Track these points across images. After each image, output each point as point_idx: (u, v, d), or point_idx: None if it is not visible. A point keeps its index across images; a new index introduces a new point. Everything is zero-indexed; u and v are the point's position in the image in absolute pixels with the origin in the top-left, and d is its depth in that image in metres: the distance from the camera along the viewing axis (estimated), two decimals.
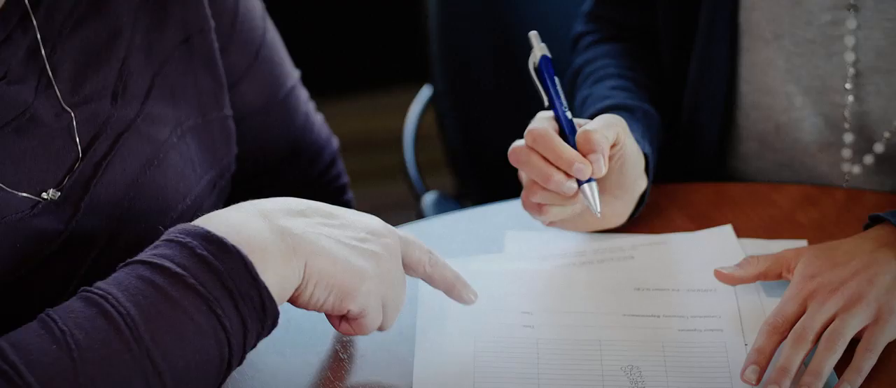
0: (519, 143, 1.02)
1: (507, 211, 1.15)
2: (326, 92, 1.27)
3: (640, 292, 1.03)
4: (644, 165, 1.09)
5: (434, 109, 1.62)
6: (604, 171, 1.01)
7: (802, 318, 0.95)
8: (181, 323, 0.81)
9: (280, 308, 0.86)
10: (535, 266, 1.07)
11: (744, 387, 0.93)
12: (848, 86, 1.15)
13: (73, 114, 0.96)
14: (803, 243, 1.07)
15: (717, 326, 0.99)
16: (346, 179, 1.29)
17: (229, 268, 0.83)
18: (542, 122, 1.02)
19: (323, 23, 2.50)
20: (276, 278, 0.85)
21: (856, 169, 1.19)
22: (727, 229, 1.11)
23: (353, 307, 0.88)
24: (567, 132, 1.02)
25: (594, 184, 1.01)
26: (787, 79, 1.18)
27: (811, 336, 0.93)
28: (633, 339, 0.98)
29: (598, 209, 1.01)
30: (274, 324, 0.86)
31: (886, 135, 1.16)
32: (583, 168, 1.00)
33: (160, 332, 0.80)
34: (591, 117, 1.16)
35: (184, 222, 0.97)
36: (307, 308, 0.89)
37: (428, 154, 1.68)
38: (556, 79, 1.04)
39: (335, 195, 1.26)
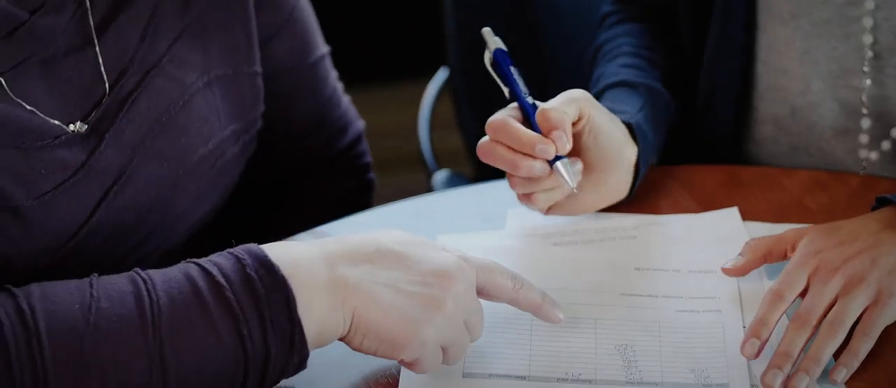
0: (484, 139, 1.01)
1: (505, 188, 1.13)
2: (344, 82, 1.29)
3: (639, 272, 1.02)
4: (629, 134, 1.07)
5: (449, 90, 1.61)
6: (567, 146, 0.99)
7: (805, 300, 0.93)
8: (204, 331, 0.81)
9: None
10: (534, 244, 1.06)
11: (739, 369, 0.91)
12: (866, 68, 1.13)
13: (100, 48, 0.97)
14: None
15: (716, 307, 0.98)
16: (369, 159, 1.29)
17: (271, 296, 0.83)
18: (500, 112, 1.01)
19: (338, 13, 2.51)
20: (317, 321, 0.84)
21: (873, 155, 1.16)
22: (733, 212, 1.09)
23: (405, 357, 0.87)
24: (532, 118, 1.01)
25: (566, 160, 1.00)
26: (804, 60, 1.16)
27: (813, 321, 0.91)
28: (628, 318, 0.97)
29: (573, 185, 1.00)
30: (301, 364, 0.85)
31: None
32: (545, 148, 0.98)
33: (180, 331, 0.81)
34: (597, 96, 1.16)
35: (205, 166, 1.02)
36: (360, 352, 0.88)
37: (445, 144, 1.67)
38: (514, 69, 1.04)
39: (359, 173, 1.27)
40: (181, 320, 0.81)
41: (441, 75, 1.68)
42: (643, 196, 1.12)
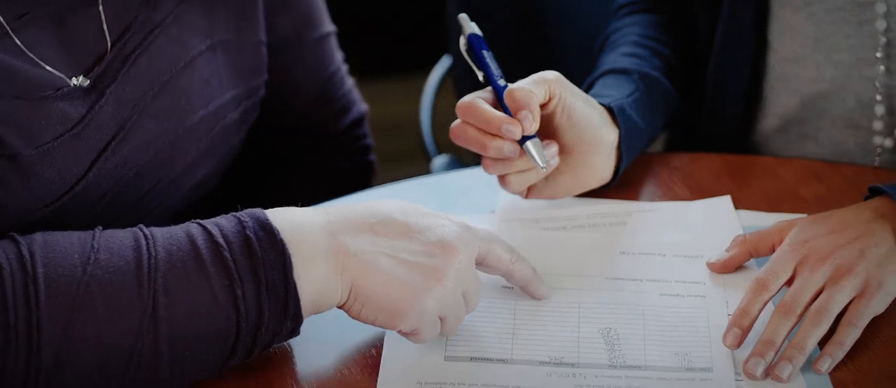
0: (456, 121, 1.01)
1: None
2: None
3: (624, 256, 1.01)
4: (611, 119, 1.06)
5: (452, 78, 1.61)
6: (534, 126, 0.98)
7: (791, 288, 0.92)
8: (198, 287, 0.83)
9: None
10: (523, 228, 1.05)
11: (722, 353, 0.90)
12: (879, 55, 1.12)
13: (103, 6, 0.98)
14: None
15: (700, 292, 0.97)
16: (370, 142, 1.29)
17: (268, 258, 0.84)
18: (471, 94, 1.01)
19: (342, 4, 2.51)
20: (314, 287, 0.85)
21: (887, 142, 1.15)
22: (725, 200, 1.08)
23: (403, 326, 0.87)
24: (503, 100, 1.00)
25: (536, 140, 0.99)
26: (817, 48, 1.14)
27: (798, 309, 0.90)
28: (612, 302, 0.96)
29: (542, 165, 0.99)
30: (294, 328, 0.86)
31: None
32: (511, 128, 0.98)
33: (175, 286, 0.82)
34: (591, 84, 1.15)
35: (204, 128, 1.04)
36: (359, 321, 0.88)
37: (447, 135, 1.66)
38: (488, 53, 1.03)
39: (359, 154, 1.27)
40: (176, 276, 0.83)
41: (444, 63, 1.67)
42: (636, 183, 1.11)
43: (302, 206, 1.08)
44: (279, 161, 1.24)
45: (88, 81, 0.97)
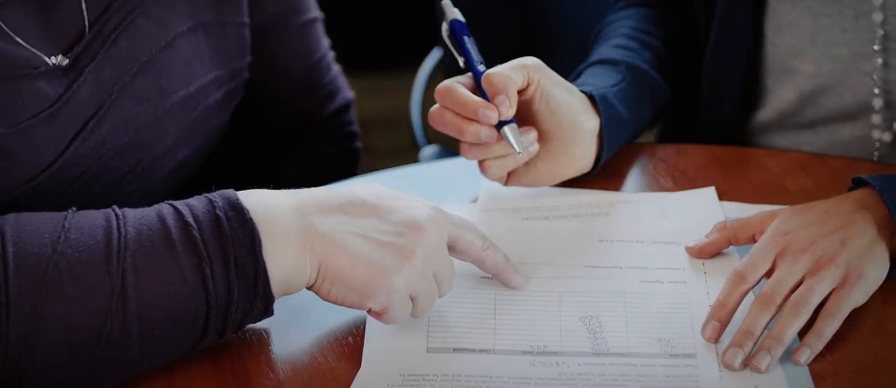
0: (435, 106, 1.01)
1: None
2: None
3: (604, 243, 1.01)
4: (592, 107, 1.06)
5: (442, 69, 1.61)
6: (511, 111, 0.99)
7: (771, 278, 0.91)
8: (167, 267, 0.83)
9: None
10: (505, 218, 1.05)
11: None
12: (876, 48, 1.11)
13: None
14: None
15: (681, 278, 0.97)
16: (357, 129, 1.29)
17: (237, 237, 0.84)
18: (450, 79, 1.01)
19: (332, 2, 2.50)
20: (283, 267, 0.86)
21: (886, 136, 1.14)
22: (709, 191, 1.08)
23: (373, 306, 0.88)
24: (482, 86, 1.00)
25: (513, 125, 0.99)
26: (814, 41, 1.14)
27: (778, 300, 0.90)
28: (593, 290, 0.96)
29: (519, 150, 0.99)
30: (266, 308, 0.87)
31: None
32: (487, 112, 0.98)
33: (144, 265, 0.83)
34: (579, 73, 1.15)
35: (185, 109, 1.04)
36: (329, 301, 0.89)
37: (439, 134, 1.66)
38: (470, 38, 1.03)
39: (344, 140, 1.27)
40: (145, 255, 0.83)
41: (436, 55, 1.67)
42: (621, 174, 1.11)
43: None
44: (264, 147, 1.24)
45: (67, 61, 0.97)
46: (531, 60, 1.02)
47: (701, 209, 1.05)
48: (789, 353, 0.88)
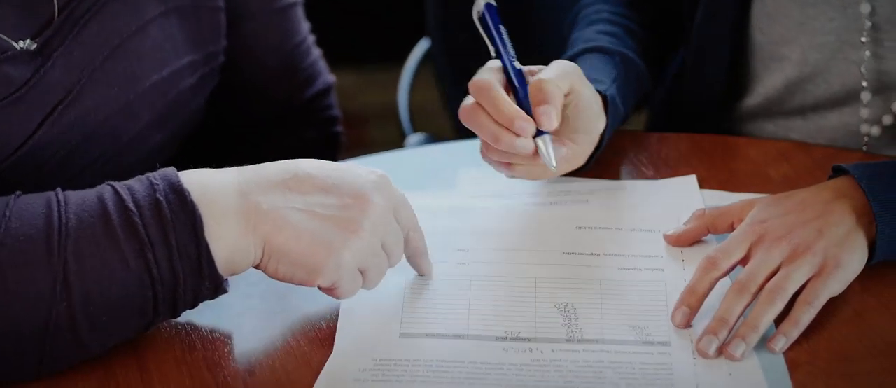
0: (468, 100, 0.98)
1: (471, 149, 1.12)
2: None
3: (582, 230, 1.00)
4: (603, 106, 1.04)
5: (432, 61, 1.60)
6: (555, 124, 0.96)
7: (747, 266, 0.91)
8: (109, 253, 0.82)
9: None
10: (482, 204, 1.04)
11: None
12: (864, 39, 1.10)
13: None
14: None
15: (659, 265, 0.96)
16: (338, 113, 1.28)
17: (178, 220, 0.83)
18: (487, 73, 0.97)
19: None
20: (226, 247, 0.85)
21: (874, 130, 1.14)
22: (690, 180, 1.07)
23: (321, 281, 0.87)
24: (516, 84, 0.97)
25: (548, 137, 0.97)
26: (801, 30, 1.13)
27: (753, 288, 0.89)
28: (569, 277, 0.95)
29: (554, 164, 0.97)
30: (217, 289, 0.86)
31: None
32: (525, 126, 0.94)
33: (85, 252, 0.82)
34: (572, 58, 1.13)
35: (157, 93, 1.03)
36: (278, 280, 0.88)
37: (429, 128, 1.65)
38: (502, 28, 0.99)
39: (324, 125, 1.27)
40: (87, 242, 0.82)
41: (424, 45, 1.66)
42: (603, 162, 1.10)
43: None
44: (243, 132, 1.24)
45: (35, 45, 0.96)
46: (572, 67, 0.99)
47: (681, 197, 1.04)
48: (765, 341, 0.87)
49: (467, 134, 1.14)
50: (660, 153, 1.12)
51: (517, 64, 0.98)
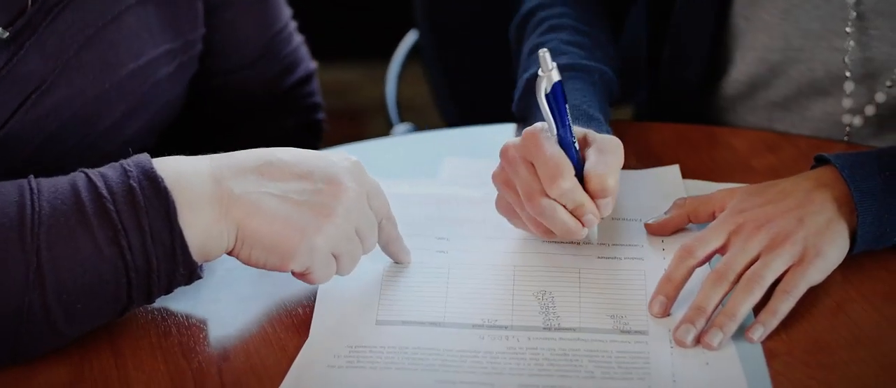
0: (546, 200, 0.91)
1: (453, 138, 1.12)
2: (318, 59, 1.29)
3: None
4: None
5: (420, 55, 1.60)
6: (609, 211, 0.93)
7: (725, 255, 0.90)
8: (83, 241, 0.82)
9: None
10: (463, 193, 1.04)
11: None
12: (848, 29, 1.09)
13: None
14: None
15: (639, 255, 0.96)
16: (319, 100, 1.28)
17: (151, 206, 0.83)
18: (565, 168, 0.90)
19: None
20: (200, 233, 0.85)
21: (857, 120, 1.13)
22: (674, 169, 1.06)
23: (294, 266, 0.87)
24: (573, 162, 0.92)
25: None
26: (785, 17, 1.12)
27: (731, 276, 0.88)
28: (548, 265, 0.95)
29: (596, 241, 0.95)
30: (191, 275, 0.86)
31: (888, 84, 1.09)
32: (593, 220, 0.92)
33: (58, 241, 0.82)
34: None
35: (134, 82, 1.02)
36: (252, 266, 0.88)
37: (423, 122, 1.64)
38: (567, 106, 0.92)
39: (306, 112, 1.26)
40: (60, 230, 0.82)
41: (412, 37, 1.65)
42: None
43: None
44: (224, 120, 1.23)
45: (7, 34, 0.95)
46: (620, 151, 0.94)
47: (664, 187, 1.04)
48: (743, 331, 0.87)
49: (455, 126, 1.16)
50: (644, 143, 1.12)
51: (577, 145, 0.93)
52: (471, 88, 1.58)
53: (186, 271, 0.85)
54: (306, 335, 0.89)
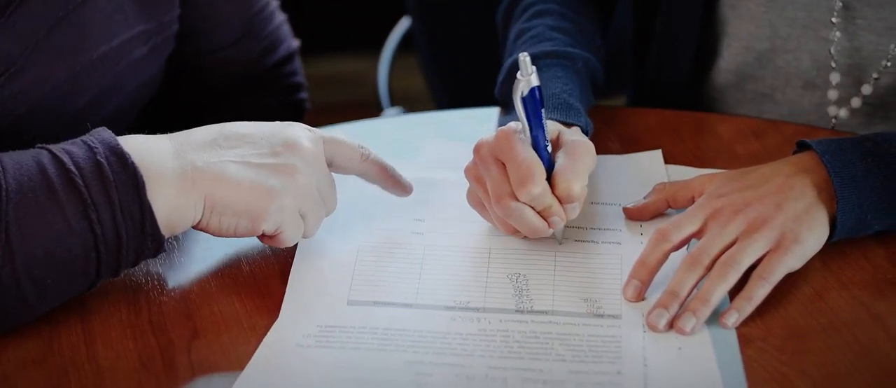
0: (514, 203, 0.90)
1: (436, 121, 1.11)
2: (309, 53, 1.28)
3: None
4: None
5: (414, 43, 1.59)
6: (576, 215, 0.92)
7: (701, 240, 0.89)
8: (52, 215, 0.82)
9: None
10: (442, 175, 1.03)
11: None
12: (834, 19, 1.08)
13: None
14: None
15: (616, 239, 0.95)
16: (301, 79, 1.27)
17: (120, 181, 0.84)
18: (535, 168, 0.89)
19: None
20: (167, 206, 0.86)
21: (842, 112, 1.11)
22: (656, 154, 1.05)
23: (265, 228, 0.88)
24: (545, 165, 0.91)
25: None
26: (771, 7, 1.11)
27: (706, 261, 0.87)
28: (524, 248, 0.94)
29: (560, 241, 0.94)
30: (158, 248, 0.87)
31: (874, 75, 1.08)
32: (559, 223, 0.91)
33: (27, 216, 0.82)
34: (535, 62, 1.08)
35: (107, 64, 1.02)
36: (222, 236, 0.89)
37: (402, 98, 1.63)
38: (542, 110, 0.91)
39: (287, 91, 1.25)
40: (28, 205, 0.82)
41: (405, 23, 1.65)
42: None
43: None
44: (204, 100, 1.22)
45: None
46: (592, 155, 0.93)
47: (645, 172, 1.03)
48: (719, 316, 0.86)
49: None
50: (628, 128, 1.10)
51: (549, 148, 0.92)
52: (462, 75, 1.57)
53: (154, 244, 0.86)
54: (277, 316, 0.88)
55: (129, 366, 0.84)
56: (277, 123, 0.90)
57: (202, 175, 0.86)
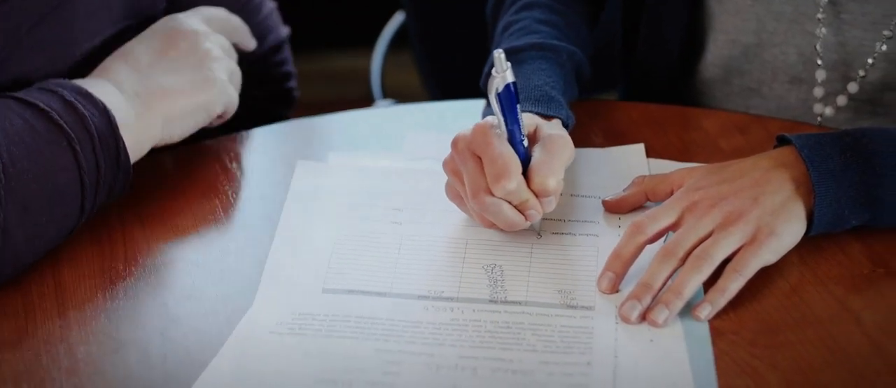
0: (490, 199, 0.90)
1: (420, 112, 1.11)
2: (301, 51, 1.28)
3: None
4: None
5: (408, 38, 1.59)
6: (552, 208, 0.92)
7: (677, 232, 0.89)
8: (40, 152, 0.88)
9: None
10: (422, 166, 1.03)
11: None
12: (820, 15, 1.08)
13: None
14: None
15: (594, 231, 0.95)
16: (291, 68, 1.27)
17: (93, 114, 0.91)
18: (508, 159, 0.89)
19: None
20: (133, 136, 0.94)
21: (828, 111, 1.11)
22: (638, 148, 1.05)
23: (217, 108, 0.99)
24: (521, 159, 0.91)
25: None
26: (757, 1, 1.10)
27: (681, 253, 0.87)
28: (501, 239, 0.94)
29: (539, 234, 0.94)
30: (126, 181, 0.94)
31: (861, 73, 1.08)
32: (536, 216, 0.91)
33: (19, 156, 0.86)
34: (517, 51, 1.08)
35: (92, 61, 1.03)
36: (184, 138, 0.99)
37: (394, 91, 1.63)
38: (518, 106, 0.91)
39: (276, 81, 1.25)
40: (18, 148, 0.87)
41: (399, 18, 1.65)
42: None
43: (222, 134, 1.08)
44: None
45: None
46: (570, 150, 0.94)
47: (627, 165, 1.02)
48: (692, 309, 0.86)
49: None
50: (612, 122, 1.10)
51: (526, 142, 0.92)
52: (456, 70, 1.56)
53: (123, 178, 0.93)
54: (252, 303, 0.88)
55: (103, 350, 0.84)
56: (163, 22, 1.01)
57: (149, 96, 0.95)
